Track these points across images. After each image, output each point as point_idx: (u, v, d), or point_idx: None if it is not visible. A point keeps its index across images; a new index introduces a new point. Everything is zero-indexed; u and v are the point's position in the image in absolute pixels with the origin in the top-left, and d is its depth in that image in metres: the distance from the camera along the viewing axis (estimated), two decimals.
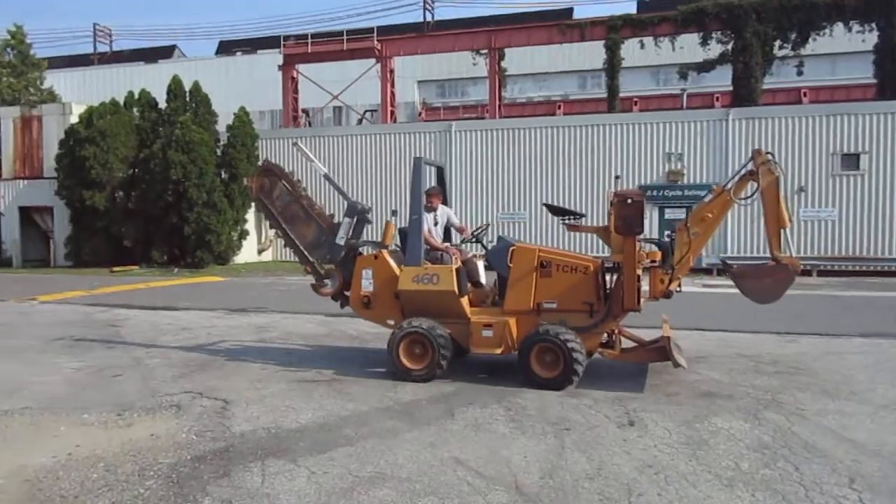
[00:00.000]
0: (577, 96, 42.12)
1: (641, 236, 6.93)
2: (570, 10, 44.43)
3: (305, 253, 8.62)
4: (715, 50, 31.30)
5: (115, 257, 25.34)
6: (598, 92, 41.41)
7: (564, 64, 42.76)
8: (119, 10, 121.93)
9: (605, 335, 7.59)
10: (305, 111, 38.78)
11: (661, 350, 7.29)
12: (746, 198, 7.26)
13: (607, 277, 7.40)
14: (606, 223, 7.28)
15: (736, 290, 7.39)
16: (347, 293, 8.26)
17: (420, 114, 42.89)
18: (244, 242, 26.43)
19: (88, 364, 8.51)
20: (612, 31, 31.90)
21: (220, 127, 25.91)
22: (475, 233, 8.52)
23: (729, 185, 7.17)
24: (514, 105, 41.00)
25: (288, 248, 9.32)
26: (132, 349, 9.65)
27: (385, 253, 7.93)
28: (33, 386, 7.39)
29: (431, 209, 8.29)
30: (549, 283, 7.23)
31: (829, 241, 22.62)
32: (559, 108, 37.93)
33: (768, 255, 7.07)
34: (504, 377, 7.51)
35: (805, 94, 34.30)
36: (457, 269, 7.59)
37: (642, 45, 33.34)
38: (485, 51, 34.84)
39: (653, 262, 7.20)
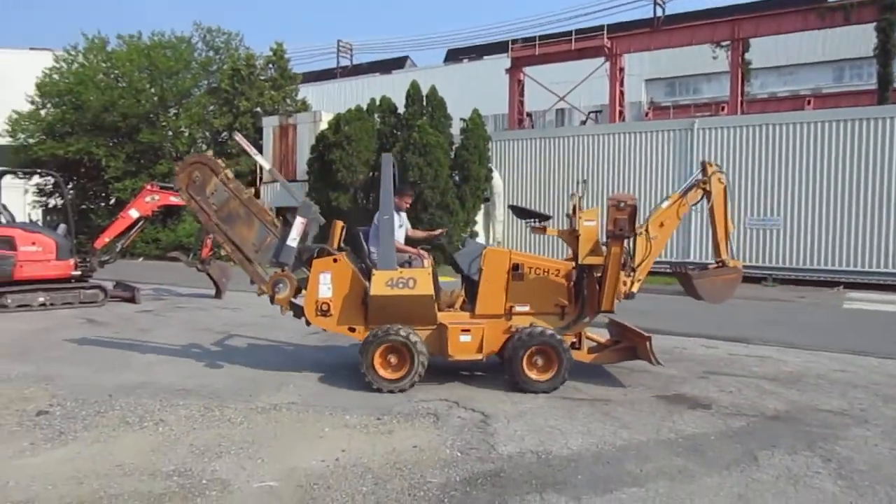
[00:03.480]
0: (831, 90, 37.22)
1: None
2: None
3: (248, 257, 7.71)
4: None
5: None
6: (858, 84, 36.31)
7: (813, 55, 38.00)
8: (359, 27, 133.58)
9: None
10: (529, 114, 38.54)
11: (627, 349, 7.63)
12: (696, 203, 7.55)
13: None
14: (573, 227, 7.42)
15: None
16: (294, 300, 7.76)
17: (647, 114, 40.68)
18: None
19: (340, 362, 8.58)
20: (887, 10, 27.45)
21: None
22: (437, 238, 8.48)
23: (683, 193, 7.47)
24: (755, 101, 37.14)
25: (230, 254, 7.85)
26: None
27: (344, 255, 7.42)
28: (296, 380, 7.55)
29: (399, 210, 7.90)
30: (521, 286, 7.25)
31: None
32: (808, 103, 33.64)
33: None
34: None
35: None
36: (433, 273, 7.34)
37: None
38: (726, 43, 32.00)
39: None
